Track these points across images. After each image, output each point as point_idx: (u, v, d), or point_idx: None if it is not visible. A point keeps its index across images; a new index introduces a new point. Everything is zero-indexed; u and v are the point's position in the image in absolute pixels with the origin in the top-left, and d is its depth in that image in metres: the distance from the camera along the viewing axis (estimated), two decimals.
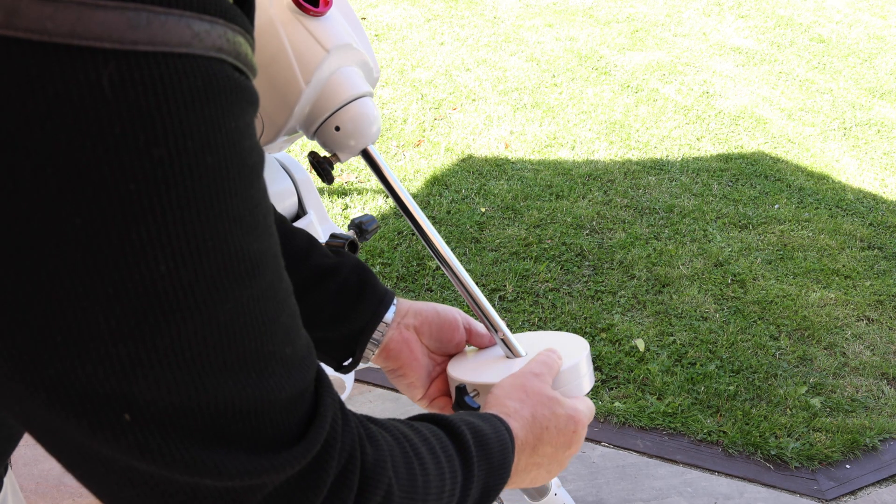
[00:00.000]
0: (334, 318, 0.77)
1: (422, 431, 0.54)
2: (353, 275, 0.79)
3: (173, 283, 0.36)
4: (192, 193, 0.36)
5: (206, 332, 0.37)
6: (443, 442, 0.54)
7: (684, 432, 2.16)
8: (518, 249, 2.74)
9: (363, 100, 0.84)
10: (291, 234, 0.80)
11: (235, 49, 0.39)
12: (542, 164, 3.32)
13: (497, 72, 4.09)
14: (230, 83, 0.38)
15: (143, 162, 0.34)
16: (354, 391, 2.12)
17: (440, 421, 0.57)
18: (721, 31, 5.15)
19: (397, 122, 3.49)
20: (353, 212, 2.84)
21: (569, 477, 1.98)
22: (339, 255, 0.81)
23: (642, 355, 2.36)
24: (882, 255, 3.05)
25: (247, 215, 0.39)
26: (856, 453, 2.16)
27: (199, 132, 0.36)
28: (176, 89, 0.35)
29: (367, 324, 0.78)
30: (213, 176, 0.37)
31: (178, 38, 0.35)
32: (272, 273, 0.42)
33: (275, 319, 0.41)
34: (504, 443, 0.60)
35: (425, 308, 0.81)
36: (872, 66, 4.97)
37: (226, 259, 0.38)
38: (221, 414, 0.38)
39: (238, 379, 0.39)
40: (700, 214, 3.12)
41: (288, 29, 0.80)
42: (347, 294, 0.78)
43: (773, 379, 2.35)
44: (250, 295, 0.39)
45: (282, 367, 0.41)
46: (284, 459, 0.41)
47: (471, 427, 0.58)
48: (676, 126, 3.83)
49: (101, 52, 0.33)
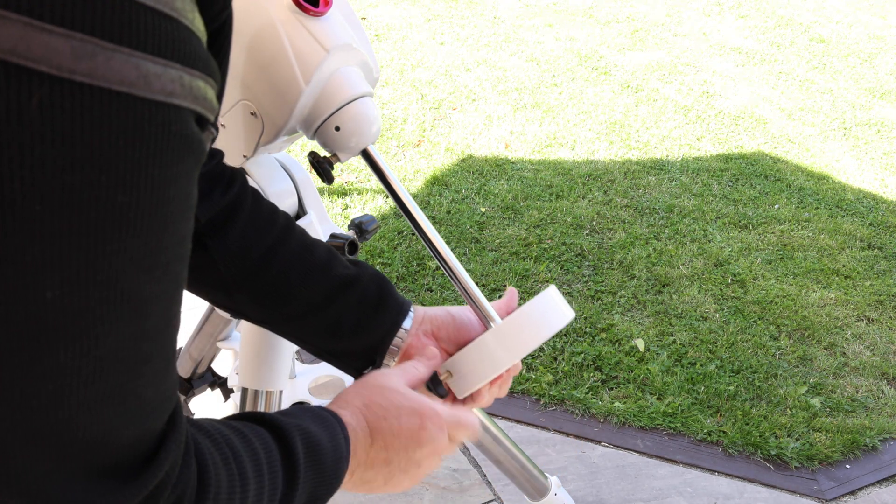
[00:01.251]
0: (355, 328, 0.77)
1: (252, 443, 0.53)
2: (372, 284, 0.79)
3: (59, 311, 0.36)
4: (94, 225, 0.36)
5: (80, 363, 0.37)
6: (270, 454, 0.54)
7: (684, 432, 2.16)
8: (518, 249, 2.74)
9: (363, 100, 0.84)
10: (312, 246, 0.80)
11: (192, 93, 0.39)
12: (542, 164, 3.32)
13: (497, 72, 4.09)
14: (167, 131, 0.38)
15: (53, 185, 0.34)
16: None
17: (277, 429, 0.56)
18: (721, 31, 5.15)
19: (397, 122, 3.49)
20: (353, 212, 2.84)
21: (569, 477, 1.98)
22: (357, 266, 0.81)
23: (642, 355, 2.36)
24: (882, 255, 3.05)
25: (147, 257, 0.39)
26: (856, 453, 2.16)
27: (115, 170, 0.36)
28: (103, 125, 0.35)
29: (388, 333, 0.78)
30: (119, 213, 0.37)
31: (120, 76, 0.35)
32: (161, 318, 0.42)
33: (148, 361, 0.42)
34: (339, 449, 0.60)
35: (440, 313, 0.82)
36: (872, 66, 4.97)
37: (115, 295, 0.38)
38: (68, 442, 0.38)
39: (95, 410, 0.39)
40: (700, 214, 3.12)
41: (288, 29, 0.80)
42: (368, 304, 0.78)
43: (773, 379, 2.35)
44: (132, 333, 0.40)
45: (138, 406, 0.42)
46: (115, 498, 0.41)
47: (305, 436, 0.57)
48: (676, 126, 3.83)
49: (37, 75, 0.33)
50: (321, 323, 0.78)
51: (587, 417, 2.17)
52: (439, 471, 1.95)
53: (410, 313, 0.80)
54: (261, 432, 0.55)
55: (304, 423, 0.58)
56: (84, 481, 0.40)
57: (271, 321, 0.80)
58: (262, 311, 0.79)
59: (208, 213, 0.75)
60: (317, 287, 0.78)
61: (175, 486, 0.45)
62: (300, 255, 0.79)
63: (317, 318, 0.78)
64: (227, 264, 0.76)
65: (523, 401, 2.19)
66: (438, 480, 1.93)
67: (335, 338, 0.77)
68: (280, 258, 0.77)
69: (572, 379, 2.25)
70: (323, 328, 0.78)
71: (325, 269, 0.79)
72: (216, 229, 0.76)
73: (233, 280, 0.77)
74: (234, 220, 0.76)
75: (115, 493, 0.41)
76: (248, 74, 0.81)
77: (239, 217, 0.77)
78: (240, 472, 0.50)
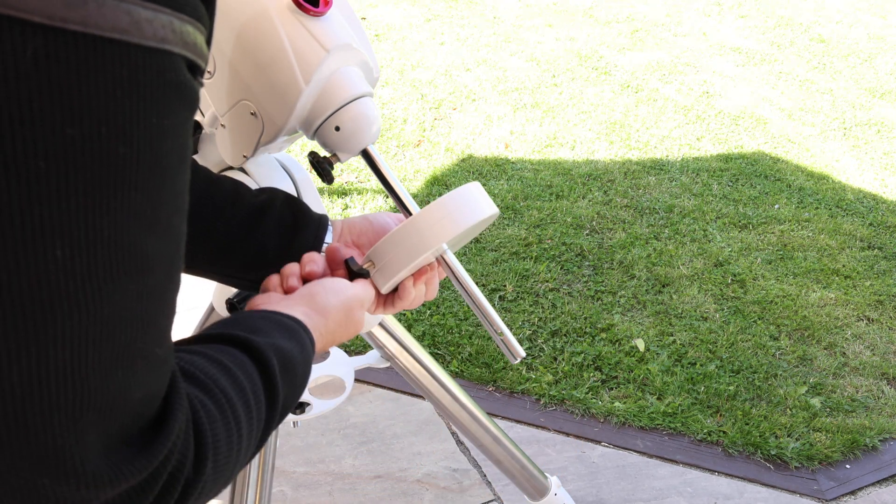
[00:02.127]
0: (279, 252, 0.78)
1: (240, 382, 0.52)
2: (286, 207, 0.80)
3: (67, 271, 0.35)
4: (97, 180, 0.36)
5: (88, 324, 0.37)
6: (255, 386, 0.53)
7: (684, 432, 2.16)
8: (518, 249, 2.74)
9: (363, 100, 0.84)
10: (217, 181, 0.81)
11: (183, 39, 0.38)
12: (542, 164, 3.32)
13: (497, 72, 4.09)
14: (162, 79, 0.37)
15: (55, 140, 0.34)
16: (355, 391, 2.12)
17: (256, 352, 0.55)
18: (721, 31, 5.15)
19: (397, 122, 3.49)
20: (353, 212, 2.84)
21: (569, 477, 1.98)
22: (268, 192, 0.82)
23: (642, 355, 2.36)
24: (882, 255, 3.05)
25: (149, 212, 0.39)
26: (856, 453, 2.16)
27: (115, 120, 0.36)
28: (99, 74, 0.35)
29: (311, 249, 0.79)
30: (121, 166, 0.37)
31: (112, 23, 0.35)
32: (163, 273, 0.41)
33: (154, 319, 0.41)
34: (308, 359, 0.61)
35: (359, 222, 0.83)
36: (872, 66, 4.97)
37: (120, 252, 0.37)
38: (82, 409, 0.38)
39: (106, 373, 0.38)
40: (700, 214, 3.12)
41: (288, 29, 0.80)
42: (285, 226, 0.79)
43: (773, 379, 2.35)
44: (137, 291, 0.39)
45: (145, 367, 0.41)
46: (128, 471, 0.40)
47: (280, 355, 0.57)
48: (676, 126, 3.83)
49: (30, 25, 0.33)
50: (244, 254, 0.78)
51: (587, 417, 2.17)
52: (439, 471, 1.95)
53: (330, 227, 0.81)
54: (242, 360, 0.54)
55: (277, 342, 0.58)
56: (99, 453, 0.39)
57: (196, 266, 0.80)
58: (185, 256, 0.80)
59: None
60: (232, 219, 0.78)
61: (179, 453, 0.44)
62: (208, 192, 0.79)
63: (239, 251, 0.78)
64: None
65: (523, 401, 2.19)
66: (438, 480, 1.93)
67: (262, 266, 0.77)
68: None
69: (572, 379, 2.25)
70: (247, 259, 0.78)
71: (234, 200, 0.79)
72: None
73: None
74: None
75: (130, 464, 0.40)
76: (248, 74, 0.81)
77: None
78: (235, 420, 0.50)
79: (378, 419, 2.07)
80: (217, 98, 0.86)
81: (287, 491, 1.85)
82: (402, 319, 2.37)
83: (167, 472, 0.43)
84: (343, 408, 2.06)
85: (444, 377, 1.35)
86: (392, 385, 2.17)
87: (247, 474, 1.18)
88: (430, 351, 2.27)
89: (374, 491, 1.87)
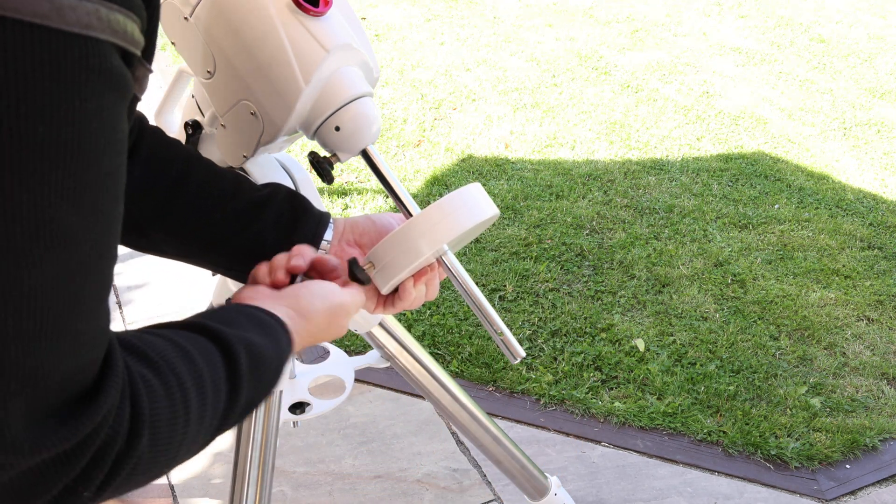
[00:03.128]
0: (276, 246, 0.78)
1: (197, 364, 0.52)
2: (287, 202, 0.81)
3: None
4: (16, 156, 0.37)
5: (8, 297, 0.38)
6: (215, 372, 0.54)
7: (684, 432, 2.16)
8: (518, 249, 2.74)
9: (363, 100, 0.84)
10: (220, 173, 0.81)
11: (111, 27, 0.40)
12: (542, 164, 3.32)
13: (497, 72, 4.09)
14: (85, 63, 0.38)
15: None
16: (355, 391, 2.13)
17: (223, 342, 0.55)
18: (721, 31, 5.15)
19: (397, 122, 3.49)
20: (353, 212, 2.84)
21: (569, 477, 1.98)
22: (270, 187, 0.82)
23: (642, 355, 2.36)
24: (882, 255, 3.05)
25: (72, 191, 0.40)
26: (856, 453, 2.16)
27: (34, 101, 0.37)
28: (18, 57, 0.36)
29: (310, 245, 0.78)
30: (41, 145, 0.38)
31: (31, 8, 0.36)
32: (91, 252, 0.42)
33: (77, 296, 0.42)
34: (282, 356, 0.60)
35: (361, 221, 0.83)
36: (872, 66, 4.96)
37: (41, 227, 0.38)
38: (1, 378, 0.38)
39: (29, 345, 0.39)
40: (700, 214, 3.12)
41: (288, 29, 0.80)
42: (284, 221, 0.79)
43: (773, 379, 2.35)
44: (60, 267, 0.40)
45: (72, 342, 0.42)
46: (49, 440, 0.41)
47: (249, 349, 0.57)
48: (676, 126, 3.83)
49: None
50: (241, 247, 0.79)
51: (587, 417, 2.17)
52: (439, 471, 1.95)
53: (330, 225, 0.81)
54: (207, 348, 0.55)
55: (249, 336, 0.58)
56: (21, 421, 0.40)
57: (192, 254, 0.80)
58: (181, 244, 0.79)
59: None
60: (230, 211, 0.79)
61: (112, 427, 0.44)
62: (208, 182, 0.79)
63: (236, 243, 0.79)
64: (134, 201, 0.76)
65: (523, 401, 2.19)
66: (438, 480, 1.93)
67: (258, 259, 0.77)
68: (188, 188, 0.78)
69: (572, 379, 2.25)
70: (244, 252, 0.79)
71: (235, 193, 0.80)
72: None
73: (144, 217, 0.77)
74: (135, 157, 0.77)
75: (52, 434, 0.41)
76: (248, 74, 0.81)
77: (140, 153, 0.77)
78: (183, 402, 0.50)
79: (378, 419, 2.07)
80: (217, 98, 0.86)
81: (287, 491, 1.85)
82: (402, 319, 2.37)
83: (96, 444, 0.43)
84: (343, 408, 2.06)
85: (444, 377, 1.35)
86: (392, 385, 2.17)
87: (247, 474, 1.18)
88: (430, 351, 2.27)
89: (374, 491, 1.87)
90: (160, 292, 2.37)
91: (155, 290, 2.38)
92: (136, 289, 2.38)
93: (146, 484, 0.50)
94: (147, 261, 2.47)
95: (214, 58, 0.83)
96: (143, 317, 2.28)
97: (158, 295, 2.36)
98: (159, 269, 2.44)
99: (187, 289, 2.38)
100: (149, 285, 2.40)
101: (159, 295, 2.36)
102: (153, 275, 2.43)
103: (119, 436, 0.45)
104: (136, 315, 2.28)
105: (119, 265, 2.45)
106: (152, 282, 2.41)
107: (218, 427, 0.55)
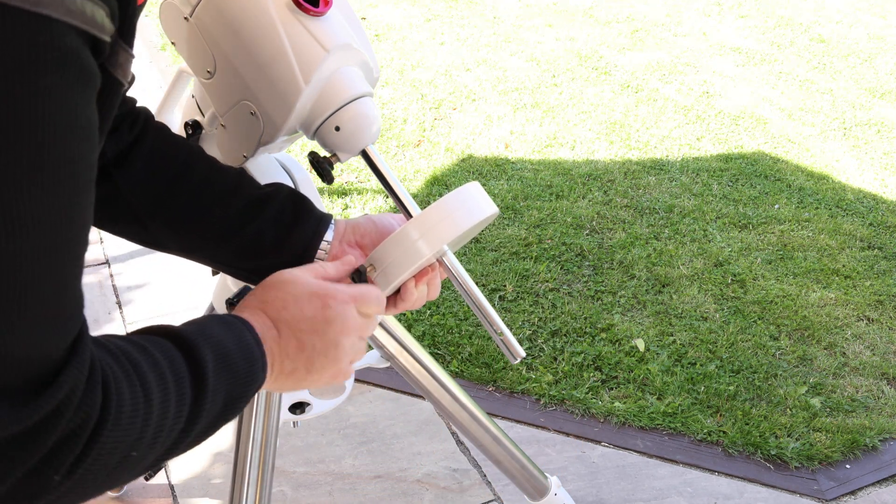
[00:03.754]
0: (275, 244, 0.78)
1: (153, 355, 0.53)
2: (288, 201, 0.81)
3: None
4: None
5: None
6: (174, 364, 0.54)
7: (684, 432, 2.16)
8: (518, 249, 2.74)
9: (363, 100, 0.84)
10: (222, 169, 0.81)
11: (67, 7, 0.39)
12: (542, 164, 3.32)
13: (497, 72, 4.09)
14: (34, 41, 0.38)
15: None
16: (355, 391, 2.12)
17: (179, 339, 0.56)
18: (721, 31, 5.15)
19: (397, 122, 3.49)
20: (353, 212, 2.84)
21: (569, 477, 1.98)
22: (273, 186, 0.82)
23: (642, 355, 2.36)
24: (882, 255, 3.05)
25: (21, 174, 0.39)
26: (856, 453, 2.16)
27: None
28: None
29: (309, 245, 0.79)
30: None
31: None
32: (51, 238, 0.41)
33: (39, 282, 0.41)
34: (248, 349, 0.60)
35: (363, 222, 0.83)
36: (872, 66, 4.96)
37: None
38: None
39: None
40: (700, 214, 3.12)
41: (288, 29, 0.80)
42: (285, 220, 0.79)
43: (773, 379, 2.35)
44: (15, 250, 0.39)
45: (31, 327, 0.41)
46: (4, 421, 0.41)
47: (212, 342, 0.57)
48: (676, 126, 3.83)
49: None
50: (241, 243, 0.79)
51: (587, 417, 2.17)
52: (439, 471, 1.95)
53: (331, 225, 0.81)
54: (163, 344, 0.55)
55: (208, 331, 0.58)
56: None
57: (190, 248, 0.80)
58: (180, 237, 0.79)
59: (116, 148, 0.76)
60: (230, 207, 0.79)
61: (78, 410, 0.44)
62: (209, 178, 0.80)
63: (235, 239, 0.79)
64: (135, 193, 0.76)
65: (523, 401, 2.19)
66: (438, 480, 1.93)
67: (257, 257, 0.78)
68: (189, 182, 0.78)
69: (572, 379, 2.25)
70: (243, 249, 0.79)
71: (236, 189, 0.80)
72: (121, 160, 0.77)
73: (144, 209, 0.77)
74: (138, 149, 0.77)
75: (8, 415, 0.41)
76: (248, 74, 0.81)
77: (143, 146, 0.78)
78: (142, 385, 0.50)
79: (378, 419, 2.07)
80: (217, 98, 0.86)
81: (287, 491, 1.85)
82: (402, 319, 2.37)
83: (59, 426, 0.43)
84: (343, 408, 2.06)
85: (444, 377, 1.35)
86: (392, 385, 2.17)
87: (247, 474, 1.18)
88: (430, 351, 2.27)
89: (374, 491, 1.88)
90: (160, 292, 2.37)
91: (155, 290, 2.38)
92: (136, 289, 2.38)
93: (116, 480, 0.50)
94: (147, 261, 2.47)
95: (214, 58, 0.83)
96: (143, 317, 2.28)
97: (158, 295, 2.36)
98: (159, 268, 2.44)
99: (187, 289, 2.38)
100: (149, 285, 2.40)
101: (159, 295, 2.36)
102: (153, 275, 2.43)
103: (91, 420, 0.45)
104: (136, 315, 2.28)
105: (119, 265, 2.45)
106: (152, 282, 2.41)
107: (190, 419, 0.54)
